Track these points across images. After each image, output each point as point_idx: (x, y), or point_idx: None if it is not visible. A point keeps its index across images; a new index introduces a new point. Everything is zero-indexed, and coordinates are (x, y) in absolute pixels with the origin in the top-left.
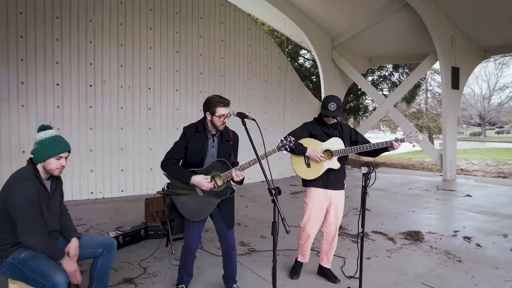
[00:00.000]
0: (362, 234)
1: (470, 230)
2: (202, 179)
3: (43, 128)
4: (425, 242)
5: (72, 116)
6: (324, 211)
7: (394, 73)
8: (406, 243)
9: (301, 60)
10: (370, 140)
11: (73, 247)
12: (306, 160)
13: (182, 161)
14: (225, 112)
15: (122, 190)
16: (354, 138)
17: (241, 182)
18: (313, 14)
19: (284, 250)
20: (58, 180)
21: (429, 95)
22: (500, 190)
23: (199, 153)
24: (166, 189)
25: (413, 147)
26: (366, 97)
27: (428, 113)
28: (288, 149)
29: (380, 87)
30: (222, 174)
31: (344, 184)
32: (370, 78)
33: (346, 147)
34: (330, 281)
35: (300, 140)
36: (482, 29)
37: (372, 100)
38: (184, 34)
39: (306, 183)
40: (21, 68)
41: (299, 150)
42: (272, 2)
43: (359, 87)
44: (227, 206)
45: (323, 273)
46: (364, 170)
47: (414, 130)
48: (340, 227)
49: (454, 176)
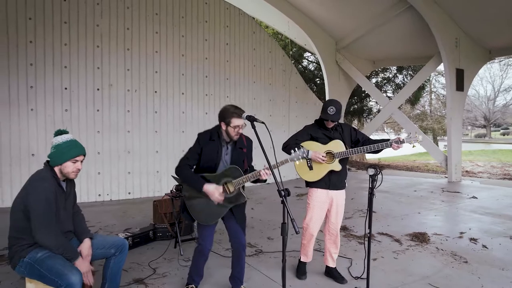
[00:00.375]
0: (369, 235)
1: (476, 231)
2: (214, 190)
3: (60, 132)
4: (431, 244)
5: (80, 119)
6: (325, 211)
7: (398, 75)
8: (412, 245)
9: (305, 62)
10: (373, 137)
11: (86, 248)
12: (309, 162)
13: (195, 165)
14: (239, 123)
15: (129, 193)
16: (354, 138)
17: (264, 180)
18: (317, 17)
19: (290, 252)
20: (71, 182)
21: (433, 97)
22: (506, 192)
23: (213, 160)
24: (174, 191)
25: (413, 148)
26: (370, 99)
27: (432, 115)
28: (301, 159)
29: (384, 89)
30: (234, 181)
31: (345, 183)
32: (374, 80)
33: (347, 149)
34: (337, 281)
35: (302, 143)
36: (486, 30)
37: (376, 102)
38: (189, 38)
39: (309, 184)
40: (30, 72)
41: None
42: (276, 6)
43: (363, 89)
44: (238, 207)
45: (330, 273)
46: (371, 172)
47: (415, 131)
48: (346, 229)
49: (459, 178)
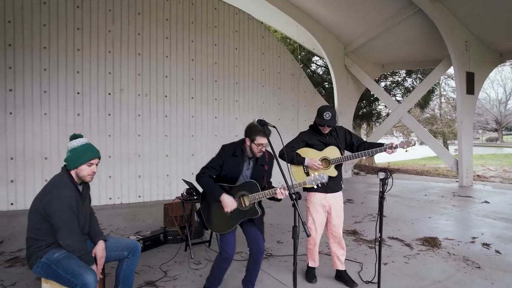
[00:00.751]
0: (380, 239)
1: (489, 236)
2: (229, 201)
3: (75, 136)
4: (442, 248)
5: (91, 123)
6: (326, 214)
7: (407, 78)
8: (423, 249)
9: (313, 66)
10: (379, 141)
11: (100, 250)
12: (305, 169)
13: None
14: (264, 142)
15: (140, 196)
16: (349, 141)
17: (279, 199)
18: (325, 21)
19: (300, 256)
20: (87, 185)
21: (443, 100)
22: None
23: (233, 174)
24: (185, 194)
25: (406, 152)
26: (379, 103)
27: (442, 118)
28: (320, 185)
29: (393, 93)
30: (250, 195)
31: (341, 185)
32: (383, 84)
33: (342, 155)
34: (348, 285)
35: (297, 150)
36: (497, 33)
37: (385, 106)
38: (199, 42)
39: (307, 188)
40: (44, 77)
41: (298, 161)
42: (285, 11)
43: (372, 93)
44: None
45: (341, 277)
46: (381, 175)
47: (410, 137)
48: (356, 233)
49: (471, 182)
